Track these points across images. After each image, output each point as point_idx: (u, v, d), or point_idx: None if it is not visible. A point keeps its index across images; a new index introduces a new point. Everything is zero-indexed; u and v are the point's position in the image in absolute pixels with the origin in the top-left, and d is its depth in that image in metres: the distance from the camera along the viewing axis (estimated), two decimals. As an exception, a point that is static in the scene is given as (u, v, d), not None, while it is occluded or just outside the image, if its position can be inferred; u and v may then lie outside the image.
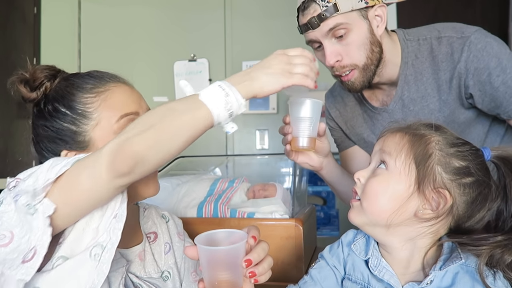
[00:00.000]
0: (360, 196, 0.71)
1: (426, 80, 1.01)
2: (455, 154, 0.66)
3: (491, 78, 0.92)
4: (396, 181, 0.67)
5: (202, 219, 1.24)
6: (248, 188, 1.47)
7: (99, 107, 0.72)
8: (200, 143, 3.06)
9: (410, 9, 2.52)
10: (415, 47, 1.01)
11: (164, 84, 2.62)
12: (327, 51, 0.95)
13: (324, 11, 0.90)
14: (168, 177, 1.50)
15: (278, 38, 2.48)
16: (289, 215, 1.22)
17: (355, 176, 0.73)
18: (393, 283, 0.67)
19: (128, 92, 0.76)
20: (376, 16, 0.96)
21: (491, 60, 0.92)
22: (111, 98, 0.73)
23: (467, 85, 0.95)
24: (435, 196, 0.65)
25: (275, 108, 2.49)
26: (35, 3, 2.65)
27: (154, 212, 0.91)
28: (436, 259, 0.66)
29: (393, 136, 0.71)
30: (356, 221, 0.72)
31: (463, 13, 2.51)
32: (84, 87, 0.73)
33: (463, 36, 0.95)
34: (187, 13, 2.64)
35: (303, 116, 0.88)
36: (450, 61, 0.96)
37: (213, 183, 1.43)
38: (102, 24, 2.69)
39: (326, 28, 0.92)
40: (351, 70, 0.97)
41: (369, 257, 0.72)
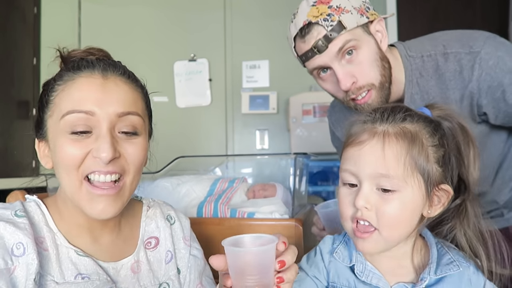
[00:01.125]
0: (374, 225, 0.63)
1: (433, 99, 0.94)
2: (438, 144, 0.65)
3: (505, 95, 0.87)
4: (411, 198, 0.62)
5: (202, 219, 1.24)
6: (248, 188, 1.47)
7: (57, 96, 0.66)
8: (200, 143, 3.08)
9: (410, 9, 2.52)
10: (419, 64, 0.94)
11: (164, 84, 2.62)
12: (339, 75, 0.88)
13: (330, 31, 0.85)
14: (168, 177, 1.50)
15: (278, 38, 2.48)
16: (289, 215, 1.22)
17: (358, 205, 0.63)
18: (382, 285, 0.66)
19: (94, 87, 0.65)
20: (377, 31, 0.92)
21: (504, 77, 0.86)
22: (69, 90, 0.66)
23: (480, 104, 0.89)
24: (437, 193, 0.65)
25: (275, 108, 2.49)
26: (35, 3, 2.65)
27: (159, 212, 0.82)
28: (425, 258, 0.67)
29: (390, 148, 0.62)
30: (374, 252, 0.66)
31: (463, 13, 2.50)
32: (62, 73, 0.68)
33: (472, 52, 0.88)
34: (187, 13, 2.64)
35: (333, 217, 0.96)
36: (459, 79, 0.89)
37: (213, 183, 1.43)
38: (102, 24, 2.69)
39: (335, 48, 0.87)
40: (368, 91, 0.90)
41: (353, 263, 0.69)
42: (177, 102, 2.61)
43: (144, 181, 1.49)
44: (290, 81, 2.46)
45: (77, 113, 0.64)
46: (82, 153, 0.64)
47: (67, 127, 0.64)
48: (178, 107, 2.61)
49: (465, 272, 0.65)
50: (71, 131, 0.64)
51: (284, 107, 2.51)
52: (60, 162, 0.65)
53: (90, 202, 0.65)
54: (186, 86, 2.62)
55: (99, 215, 0.65)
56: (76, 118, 0.64)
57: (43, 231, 0.66)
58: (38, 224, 0.66)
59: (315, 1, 0.88)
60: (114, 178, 0.66)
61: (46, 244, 0.65)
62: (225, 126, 2.61)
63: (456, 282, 0.64)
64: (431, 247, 0.67)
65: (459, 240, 0.69)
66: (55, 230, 0.67)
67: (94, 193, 0.64)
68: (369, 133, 0.64)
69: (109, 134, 0.64)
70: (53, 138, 0.66)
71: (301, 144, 2.29)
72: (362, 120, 0.68)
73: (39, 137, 0.70)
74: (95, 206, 0.65)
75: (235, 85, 2.60)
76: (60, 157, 0.65)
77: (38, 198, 0.70)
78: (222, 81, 2.61)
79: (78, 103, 0.64)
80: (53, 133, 0.66)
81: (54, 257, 0.64)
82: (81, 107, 0.64)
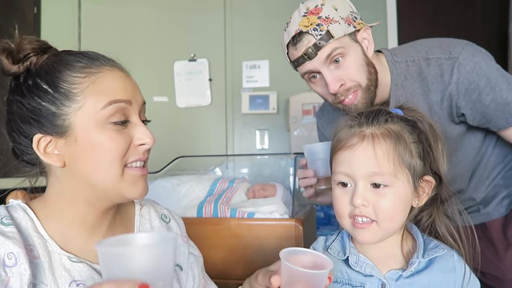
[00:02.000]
0: (373, 219, 0.68)
1: (417, 101, 1.01)
2: (418, 140, 0.71)
3: (481, 97, 0.95)
4: (403, 191, 0.68)
5: (202, 219, 1.24)
6: (248, 188, 1.47)
7: (86, 89, 0.63)
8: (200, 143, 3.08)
9: (410, 11, 2.52)
10: (403, 68, 1.02)
11: (164, 84, 2.62)
12: (328, 79, 0.96)
13: (319, 40, 0.93)
14: (168, 177, 1.50)
15: (278, 38, 2.48)
16: (289, 215, 1.22)
17: (356, 203, 0.68)
18: (375, 274, 0.70)
19: (122, 78, 0.67)
20: (363, 39, 0.98)
21: (480, 80, 0.94)
22: (101, 82, 0.65)
23: (458, 105, 0.97)
24: (422, 185, 0.72)
25: (275, 108, 2.49)
26: (35, 3, 2.65)
27: (153, 211, 0.82)
28: (413, 247, 0.73)
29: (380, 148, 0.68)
30: (373, 241, 0.70)
31: (463, 14, 2.51)
32: (74, 65, 0.65)
33: (451, 57, 0.96)
34: (187, 13, 2.64)
35: (322, 158, 0.96)
36: (440, 82, 0.98)
37: (213, 183, 1.43)
38: (102, 24, 2.69)
39: (323, 55, 0.94)
40: (354, 92, 0.97)
41: (348, 255, 0.74)
42: (177, 102, 2.61)
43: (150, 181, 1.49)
44: (290, 81, 2.46)
45: (119, 103, 0.65)
46: (127, 143, 0.66)
47: (109, 117, 0.64)
48: (178, 107, 2.62)
49: (449, 260, 0.71)
50: (115, 120, 0.64)
51: (284, 107, 2.51)
52: (101, 155, 0.63)
53: (135, 184, 0.67)
54: (186, 86, 2.62)
55: (141, 194, 0.69)
56: (118, 107, 0.65)
57: (32, 238, 0.63)
58: (26, 231, 0.63)
59: (306, 12, 0.96)
60: (143, 164, 0.70)
61: (37, 251, 0.63)
62: (225, 126, 2.61)
63: (442, 268, 0.70)
64: (417, 236, 0.73)
65: (440, 228, 0.75)
66: (46, 236, 0.65)
67: (137, 175, 0.68)
68: (359, 136, 0.70)
69: (141, 121, 0.69)
70: (86, 133, 0.63)
71: (301, 144, 2.29)
72: (348, 125, 0.73)
73: (49, 132, 0.64)
74: (138, 186, 0.68)
75: (235, 85, 2.60)
76: (102, 150, 0.63)
77: (23, 202, 0.67)
78: (222, 81, 2.61)
79: (119, 92, 0.65)
80: (86, 127, 0.63)
81: (46, 264, 0.62)
82: (122, 96, 0.65)
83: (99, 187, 0.65)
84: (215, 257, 1.17)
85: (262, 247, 1.17)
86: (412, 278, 0.69)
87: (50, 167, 0.67)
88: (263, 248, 1.17)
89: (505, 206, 1.10)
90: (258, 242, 1.17)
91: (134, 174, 0.67)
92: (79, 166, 0.65)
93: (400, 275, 0.69)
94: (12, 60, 0.65)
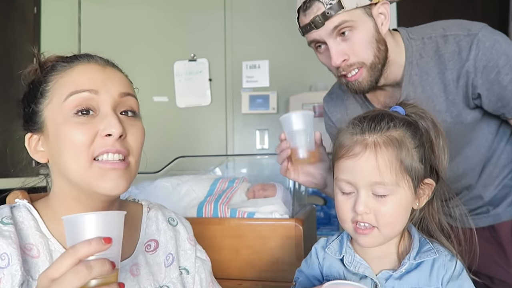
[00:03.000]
0: (374, 225, 0.69)
1: (432, 80, 0.98)
2: (419, 145, 0.71)
3: (499, 76, 0.91)
4: (404, 197, 0.69)
5: (202, 219, 1.24)
6: (248, 188, 1.47)
7: (54, 84, 0.67)
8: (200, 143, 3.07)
9: (411, 9, 2.52)
10: (419, 46, 0.98)
11: (164, 84, 2.62)
12: (332, 51, 0.93)
13: (328, 9, 0.89)
14: (168, 177, 1.50)
15: (278, 38, 2.48)
16: (289, 215, 1.22)
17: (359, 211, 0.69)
18: (368, 274, 0.72)
19: (92, 70, 0.67)
20: (379, 14, 0.94)
21: (500, 58, 0.90)
22: (68, 76, 0.67)
23: (475, 84, 0.93)
24: (422, 187, 0.72)
25: (275, 108, 2.49)
26: (35, 3, 2.65)
27: (160, 215, 0.82)
28: (408, 248, 0.73)
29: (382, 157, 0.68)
30: (374, 245, 0.72)
31: (463, 12, 2.50)
32: (56, 65, 0.69)
33: (470, 34, 0.93)
34: (187, 13, 2.64)
35: (298, 129, 0.90)
36: (457, 59, 0.94)
37: (213, 183, 1.43)
38: (102, 24, 2.69)
39: (331, 26, 0.90)
40: (359, 69, 0.94)
41: (343, 255, 0.75)
42: (177, 102, 2.61)
43: (144, 181, 1.49)
44: (290, 81, 2.46)
45: (81, 92, 0.64)
46: (90, 134, 0.64)
47: (71, 108, 0.64)
48: (178, 107, 2.61)
49: (440, 258, 0.71)
50: (76, 111, 0.64)
51: (284, 107, 2.51)
52: (67, 148, 0.63)
53: (102, 178, 0.64)
54: (186, 86, 2.62)
55: (111, 190, 0.65)
56: (81, 98, 0.64)
57: (33, 238, 0.64)
58: (27, 230, 0.65)
59: None
60: (121, 158, 0.66)
61: (38, 250, 0.63)
62: (225, 126, 2.61)
63: (430, 266, 0.70)
64: (413, 237, 0.74)
65: (430, 225, 0.75)
66: (48, 235, 0.66)
67: (105, 168, 0.64)
68: (361, 145, 0.70)
69: (114, 112, 0.66)
70: (54, 126, 0.65)
71: (301, 144, 2.29)
72: (350, 131, 0.73)
73: (32, 130, 0.69)
74: (107, 180, 0.64)
75: (235, 85, 2.60)
76: (67, 142, 0.63)
77: (28, 202, 0.68)
78: (222, 81, 2.61)
79: (81, 84, 0.65)
80: (54, 120, 0.65)
81: (47, 263, 0.63)
82: (84, 86, 0.65)
83: (74, 182, 0.65)
84: (215, 257, 1.17)
85: (262, 247, 1.17)
86: (402, 279, 0.70)
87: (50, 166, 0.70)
88: (263, 248, 1.17)
89: None
90: (258, 242, 1.17)
91: (101, 167, 0.64)
92: (56, 161, 0.67)
93: (391, 275, 0.70)
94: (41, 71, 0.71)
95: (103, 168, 0.64)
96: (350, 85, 0.98)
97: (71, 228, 0.53)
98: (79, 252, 0.50)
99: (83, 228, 0.52)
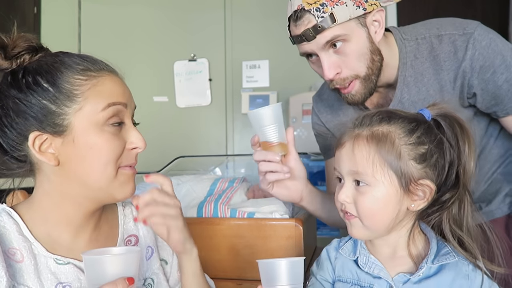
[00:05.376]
0: (355, 215, 0.71)
1: (427, 81, 0.96)
2: (416, 142, 0.69)
3: (495, 76, 0.90)
4: (384, 192, 0.68)
5: (202, 219, 1.24)
6: (248, 188, 1.46)
7: (87, 91, 0.65)
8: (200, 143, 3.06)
9: (410, 9, 2.52)
10: (413, 47, 0.96)
11: (164, 84, 2.62)
12: (324, 65, 0.89)
13: (320, 23, 0.84)
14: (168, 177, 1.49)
15: (278, 38, 2.48)
16: (289, 215, 1.22)
17: (339, 199, 0.72)
18: (383, 276, 0.70)
19: (120, 83, 0.71)
20: (374, 21, 0.91)
21: (496, 58, 0.89)
22: (102, 85, 0.67)
23: (471, 84, 0.92)
24: (419, 188, 0.69)
25: (275, 108, 2.49)
26: (35, 3, 2.66)
27: (135, 211, 0.83)
28: (425, 251, 0.71)
29: (358, 149, 0.69)
30: (360, 236, 0.73)
31: (463, 12, 2.49)
32: (75, 67, 0.67)
33: (466, 33, 0.91)
34: (187, 13, 2.64)
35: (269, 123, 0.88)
36: (453, 60, 0.92)
37: (213, 183, 1.43)
38: (102, 24, 2.69)
39: (323, 40, 0.87)
40: (351, 81, 0.92)
41: (357, 256, 0.75)
42: (177, 102, 2.61)
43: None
44: (290, 81, 2.46)
45: (118, 105, 0.67)
46: (122, 146, 0.68)
47: (106, 118, 0.66)
48: (178, 107, 2.61)
49: (463, 268, 0.68)
50: (111, 122, 0.66)
51: (284, 107, 2.51)
52: (98, 156, 0.65)
53: (126, 184, 0.69)
54: (186, 86, 2.62)
55: (131, 194, 0.71)
56: (117, 110, 0.67)
57: (16, 242, 0.64)
58: (9, 235, 0.64)
59: None
60: None
61: (21, 254, 0.63)
62: (225, 126, 2.61)
63: (452, 275, 0.67)
64: (431, 240, 0.71)
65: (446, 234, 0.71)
66: (31, 239, 0.65)
67: (129, 174, 0.70)
68: (348, 136, 0.73)
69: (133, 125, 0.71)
70: (84, 133, 0.65)
71: (301, 144, 2.29)
72: (350, 124, 0.75)
73: (48, 130, 0.64)
74: (129, 186, 0.70)
75: (235, 85, 2.60)
76: (98, 151, 0.65)
77: (8, 207, 0.67)
78: (222, 81, 2.61)
79: (117, 96, 0.68)
80: (84, 128, 0.65)
81: (31, 267, 0.63)
82: (120, 99, 0.68)
83: (92, 187, 0.67)
84: (215, 257, 1.17)
85: (262, 247, 1.17)
86: (420, 283, 0.67)
87: (40, 165, 0.67)
88: (263, 248, 1.17)
89: (508, 204, 1.06)
90: (258, 242, 1.17)
91: (126, 174, 0.69)
92: (74, 166, 0.66)
93: (408, 279, 0.68)
94: (5, 56, 0.66)
95: (127, 174, 0.69)
96: (343, 97, 0.96)
97: (93, 267, 0.57)
98: None
99: (104, 268, 0.57)
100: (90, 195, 0.68)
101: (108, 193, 0.68)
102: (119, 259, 0.59)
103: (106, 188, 0.67)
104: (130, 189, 0.70)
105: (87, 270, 0.57)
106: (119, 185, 0.68)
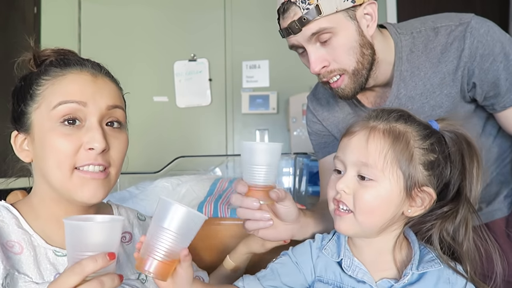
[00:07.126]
0: (351, 209, 0.68)
1: (424, 75, 0.94)
2: (428, 148, 0.68)
3: (494, 64, 0.88)
4: (388, 190, 0.66)
5: (202, 219, 1.24)
6: (248, 188, 1.46)
7: (45, 90, 0.68)
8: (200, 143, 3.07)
9: (410, 9, 2.52)
10: (409, 40, 0.94)
11: (164, 84, 2.62)
12: (311, 58, 0.87)
13: (305, 15, 0.83)
14: (168, 177, 1.49)
15: (278, 38, 2.47)
16: (289, 215, 1.22)
17: (337, 188, 0.68)
18: (367, 280, 0.69)
19: (84, 81, 0.69)
20: (365, 14, 0.88)
21: (495, 45, 0.87)
22: (59, 84, 0.68)
23: (471, 73, 0.90)
24: (419, 195, 0.68)
25: (275, 108, 2.49)
26: (35, 3, 2.65)
27: (129, 211, 0.87)
28: (408, 257, 0.69)
29: (373, 140, 0.67)
30: (349, 233, 0.71)
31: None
32: (48, 69, 0.70)
33: (462, 23, 0.90)
34: (187, 13, 2.64)
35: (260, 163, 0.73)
36: (452, 51, 0.90)
37: (213, 183, 1.43)
38: (102, 24, 2.68)
39: (308, 32, 0.85)
40: (340, 76, 0.90)
41: (342, 258, 0.73)
42: (177, 102, 2.61)
43: (144, 181, 1.49)
44: (290, 81, 2.46)
45: (70, 103, 0.67)
46: (75, 146, 0.66)
47: (58, 117, 0.66)
48: (178, 107, 2.61)
49: (444, 271, 0.67)
50: (62, 120, 0.66)
51: (284, 107, 2.51)
52: (51, 155, 0.66)
53: (82, 187, 0.67)
54: (186, 86, 2.62)
55: (90, 198, 0.68)
56: (68, 108, 0.67)
57: (15, 235, 0.66)
58: (7, 228, 0.67)
59: None
60: (102, 169, 0.69)
61: (20, 246, 0.65)
62: (225, 126, 2.61)
63: (434, 279, 0.66)
64: (413, 245, 0.70)
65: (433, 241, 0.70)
66: (30, 232, 0.68)
67: (85, 177, 0.67)
68: (361, 126, 0.70)
69: (100, 125, 0.68)
70: (41, 131, 0.67)
71: (301, 144, 2.29)
72: (363, 116, 0.73)
73: (19, 129, 0.71)
74: (86, 189, 0.67)
75: (235, 85, 2.60)
76: (51, 150, 0.66)
77: (6, 203, 0.71)
78: (222, 81, 2.61)
79: (71, 94, 0.67)
80: (41, 126, 0.67)
81: (31, 258, 0.65)
82: (74, 97, 0.67)
83: (54, 186, 0.68)
84: (215, 257, 1.17)
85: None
86: None
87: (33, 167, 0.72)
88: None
89: (507, 205, 1.05)
90: (258, 242, 1.17)
91: (82, 177, 0.67)
92: (39, 164, 0.69)
93: (392, 285, 0.67)
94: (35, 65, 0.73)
95: (83, 177, 0.67)
96: (334, 91, 0.94)
97: (72, 233, 0.55)
98: (85, 270, 0.52)
99: (86, 236, 0.55)
100: (58, 194, 0.69)
101: (68, 194, 0.68)
102: (103, 227, 0.56)
103: (62, 188, 0.67)
104: (88, 192, 0.67)
105: (68, 237, 0.55)
106: (74, 187, 0.67)
